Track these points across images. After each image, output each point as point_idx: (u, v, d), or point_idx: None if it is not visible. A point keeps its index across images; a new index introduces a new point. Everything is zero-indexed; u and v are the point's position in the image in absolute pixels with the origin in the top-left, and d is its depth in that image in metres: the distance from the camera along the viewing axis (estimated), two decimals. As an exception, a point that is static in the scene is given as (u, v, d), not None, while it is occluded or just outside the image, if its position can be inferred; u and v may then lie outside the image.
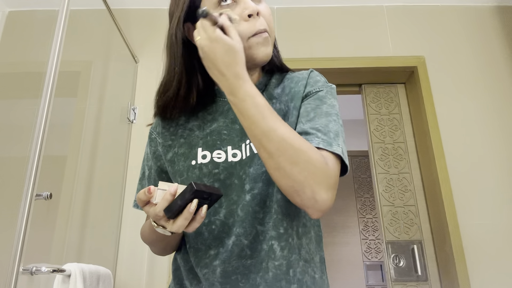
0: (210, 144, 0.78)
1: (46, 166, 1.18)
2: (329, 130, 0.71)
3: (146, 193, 0.61)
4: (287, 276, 0.70)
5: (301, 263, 0.73)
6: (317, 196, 0.62)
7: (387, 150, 2.12)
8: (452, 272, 1.77)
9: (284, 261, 0.71)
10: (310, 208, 0.64)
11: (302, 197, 0.63)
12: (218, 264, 0.72)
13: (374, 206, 3.63)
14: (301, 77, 0.81)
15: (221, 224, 0.74)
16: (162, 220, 0.62)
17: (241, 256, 0.72)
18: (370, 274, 3.43)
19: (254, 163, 0.74)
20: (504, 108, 2.05)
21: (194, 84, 0.78)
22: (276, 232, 0.71)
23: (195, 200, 0.58)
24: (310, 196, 0.62)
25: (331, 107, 0.75)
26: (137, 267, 1.78)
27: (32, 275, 1.11)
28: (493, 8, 2.26)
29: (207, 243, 0.74)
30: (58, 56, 1.27)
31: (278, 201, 0.73)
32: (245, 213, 0.72)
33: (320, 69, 2.11)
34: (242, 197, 0.73)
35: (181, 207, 0.58)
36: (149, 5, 2.25)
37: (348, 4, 2.27)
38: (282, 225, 0.72)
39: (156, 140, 0.85)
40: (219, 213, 0.74)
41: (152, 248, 0.85)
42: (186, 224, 0.60)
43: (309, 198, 0.62)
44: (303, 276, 0.72)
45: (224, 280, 0.72)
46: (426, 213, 2.00)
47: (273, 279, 0.70)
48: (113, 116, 1.96)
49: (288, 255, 0.71)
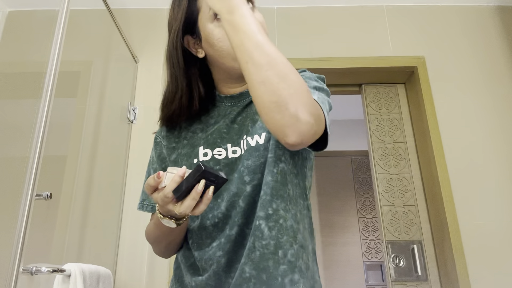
0: (210, 142, 0.80)
1: (46, 166, 1.18)
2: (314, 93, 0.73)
3: (156, 178, 0.62)
4: (275, 256, 0.71)
5: (295, 246, 0.73)
6: (300, 114, 0.60)
7: (387, 150, 2.12)
8: (452, 272, 1.77)
9: (272, 241, 0.71)
10: (290, 126, 0.60)
11: (283, 113, 0.59)
12: (223, 254, 0.74)
13: (374, 206, 3.63)
14: None
15: (224, 216, 0.75)
16: (170, 204, 0.63)
17: (244, 245, 0.73)
18: (370, 274, 3.43)
19: (252, 156, 0.76)
20: (504, 108, 2.05)
21: (195, 91, 0.82)
22: (264, 212, 0.72)
23: (202, 181, 0.60)
24: (292, 112, 0.59)
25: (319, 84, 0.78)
26: (137, 267, 1.78)
27: (32, 275, 1.11)
28: (493, 8, 2.26)
29: (212, 236, 0.76)
30: (58, 56, 1.26)
31: (268, 183, 0.74)
32: (247, 203, 0.74)
33: (320, 69, 2.11)
34: (243, 189, 0.75)
35: (189, 187, 0.60)
36: (149, 5, 2.25)
37: (348, 4, 2.27)
38: (270, 205, 0.73)
39: (161, 143, 0.89)
40: (220, 206, 0.76)
41: (156, 247, 0.86)
42: (193, 205, 0.61)
43: (291, 114, 0.59)
44: (296, 259, 0.72)
45: (229, 269, 0.73)
46: (426, 213, 2.00)
47: (260, 258, 0.71)
48: (113, 116, 1.96)
49: (277, 235, 0.72)
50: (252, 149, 0.76)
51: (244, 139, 0.78)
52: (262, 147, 0.76)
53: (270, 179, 0.74)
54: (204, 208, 0.63)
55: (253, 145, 0.76)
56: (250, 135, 0.78)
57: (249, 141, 0.77)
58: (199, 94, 0.82)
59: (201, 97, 0.83)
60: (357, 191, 3.69)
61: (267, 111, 0.61)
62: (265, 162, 0.75)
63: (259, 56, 0.62)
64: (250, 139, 0.77)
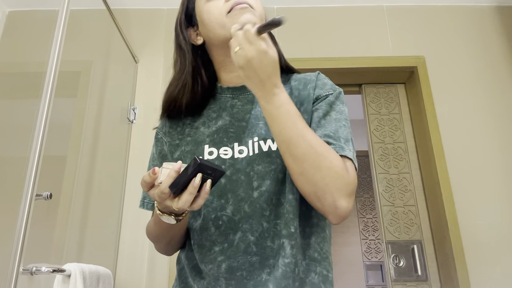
0: (217, 141, 0.80)
1: (46, 166, 1.18)
2: (339, 136, 0.74)
3: (151, 174, 0.62)
4: (293, 274, 0.71)
5: (304, 262, 0.74)
6: (337, 203, 0.66)
7: (387, 150, 2.12)
8: (452, 272, 1.77)
9: (293, 259, 0.72)
10: (331, 214, 0.67)
11: (323, 203, 0.67)
12: (224, 259, 0.73)
13: (374, 206, 3.63)
14: (309, 79, 0.84)
15: (228, 220, 0.75)
16: (167, 199, 0.62)
17: (247, 252, 0.73)
18: (370, 274, 3.43)
19: (263, 161, 0.76)
20: (504, 108, 2.05)
21: (199, 77, 0.84)
22: (287, 231, 0.73)
23: (199, 174, 0.59)
24: (330, 202, 0.66)
25: (340, 113, 0.79)
26: (137, 267, 1.78)
27: (32, 275, 1.11)
28: (493, 8, 2.26)
29: (212, 239, 0.75)
30: (58, 56, 1.26)
31: (290, 201, 0.74)
32: (252, 209, 0.74)
33: (320, 69, 2.10)
34: (250, 194, 0.74)
35: (185, 182, 0.59)
36: (149, 5, 2.25)
37: (348, 4, 2.27)
38: (293, 224, 0.73)
39: (162, 140, 0.88)
40: (226, 209, 0.75)
41: (157, 245, 0.86)
42: (191, 200, 0.61)
43: (330, 204, 0.66)
44: (305, 275, 0.73)
45: (229, 276, 0.72)
46: (426, 213, 2.00)
47: (282, 277, 0.70)
48: (113, 116, 1.96)
49: (296, 254, 0.72)
50: (263, 154, 0.76)
51: (255, 141, 0.78)
52: (274, 153, 0.76)
53: (292, 197, 0.74)
54: (202, 203, 0.63)
55: (265, 150, 0.76)
56: (263, 139, 0.77)
57: (261, 145, 0.77)
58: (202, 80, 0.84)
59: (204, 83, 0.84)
60: (357, 191, 3.69)
61: (309, 199, 0.69)
62: (276, 168, 0.75)
63: (295, 149, 0.67)
64: (263, 143, 0.77)
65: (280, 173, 0.75)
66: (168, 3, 2.23)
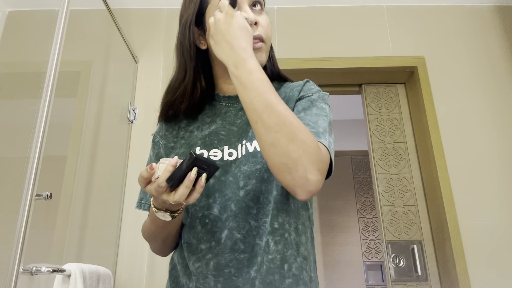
0: (208, 143, 0.82)
1: (46, 166, 1.18)
2: (318, 126, 0.74)
3: (148, 170, 0.63)
4: (281, 271, 0.72)
5: (299, 259, 0.74)
6: (309, 175, 0.62)
7: (387, 150, 2.12)
8: (452, 272, 1.77)
9: (278, 255, 0.72)
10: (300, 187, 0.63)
11: (294, 175, 0.63)
12: (211, 257, 0.74)
13: (374, 206, 3.63)
14: (297, 85, 0.86)
15: (215, 218, 0.76)
16: (164, 193, 0.63)
17: (234, 249, 0.73)
18: (370, 274, 3.43)
19: (249, 161, 0.77)
20: (504, 108, 2.05)
21: (198, 82, 0.84)
22: (271, 227, 0.74)
23: (194, 168, 0.61)
24: (302, 174, 0.62)
25: (321, 110, 0.78)
26: (137, 267, 1.78)
27: (32, 275, 1.11)
28: (493, 8, 2.26)
29: (199, 237, 0.76)
30: (58, 56, 1.26)
31: (275, 197, 0.75)
32: (239, 208, 0.75)
33: (320, 69, 2.11)
34: (236, 193, 0.76)
35: (182, 176, 0.61)
36: (149, 5, 2.25)
37: (348, 4, 2.27)
38: (276, 220, 0.74)
39: (159, 143, 0.90)
40: (213, 208, 0.76)
41: (152, 244, 0.86)
42: (187, 193, 0.62)
43: (301, 176, 0.62)
44: (300, 272, 0.74)
45: (217, 273, 0.73)
46: (426, 213, 2.00)
47: (266, 273, 0.71)
48: (113, 116, 1.96)
49: (282, 249, 0.73)
50: (249, 155, 0.77)
51: (243, 144, 0.79)
52: (260, 154, 0.77)
53: (276, 193, 0.75)
54: (197, 196, 0.63)
55: (251, 151, 0.77)
56: (250, 140, 0.79)
57: (248, 146, 0.78)
58: (201, 85, 0.84)
59: (202, 89, 0.84)
60: (357, 191, 3.69)
61: (278, 171, 0.64)
62: (261, 168, 0.76)
63: (268, 118, 0.63)
64: (249, 144, 0.78)
65: (266, 173, 0.76)
66: (168, 3, 2.23)
